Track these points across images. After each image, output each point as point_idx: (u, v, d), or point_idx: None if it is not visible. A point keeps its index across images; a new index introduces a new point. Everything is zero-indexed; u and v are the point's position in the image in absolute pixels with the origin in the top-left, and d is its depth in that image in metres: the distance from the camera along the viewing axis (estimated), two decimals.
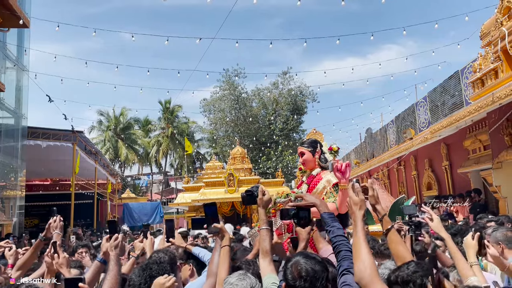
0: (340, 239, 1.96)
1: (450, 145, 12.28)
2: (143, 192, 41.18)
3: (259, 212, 2.39)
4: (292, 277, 1.76)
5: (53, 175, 21.40)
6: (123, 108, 40.73)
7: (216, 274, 2.25)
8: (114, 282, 2.18)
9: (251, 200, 2.46)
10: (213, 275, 2.30)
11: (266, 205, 2.42)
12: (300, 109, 33.37)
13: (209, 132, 34.91)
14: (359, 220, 1.92)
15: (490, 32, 8.94)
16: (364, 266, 1.72)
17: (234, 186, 17.31)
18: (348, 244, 1.94)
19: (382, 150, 17.57)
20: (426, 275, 1.71)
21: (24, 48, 12.88)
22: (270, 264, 2.15)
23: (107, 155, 35.37)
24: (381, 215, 2.08)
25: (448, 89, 11.65)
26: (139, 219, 23.67)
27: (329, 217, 2.08)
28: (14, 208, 12.92)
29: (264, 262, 2.16)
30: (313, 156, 3.72)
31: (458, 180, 11.90)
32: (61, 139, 14.03)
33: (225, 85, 32.11)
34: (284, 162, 30.50)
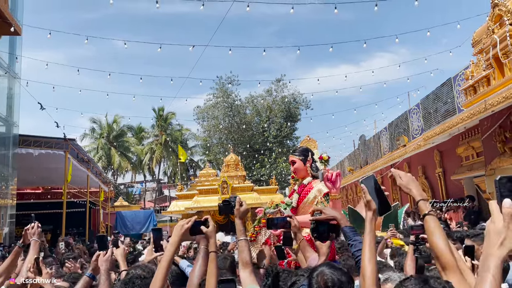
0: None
1: (443, 152, 12.31)
2: (136, 200, 40.89)
3: (235, 223, 2.34)
4: (318, 287, 1.73)
5: (45, 184, 21.19)
6: (116, 115, 40.62)
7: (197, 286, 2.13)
8: None
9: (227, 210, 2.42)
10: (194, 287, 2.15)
11: (242, 216, 2.37)
12: (293, 116, 33.42)
13: (202, 139, 34.83)
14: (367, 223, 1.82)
15: (482, 40, 9.00)
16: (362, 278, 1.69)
17: (228, 193, 17.22)
18: None
19: (376, 157, 17.59)
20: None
21: (16, 56, 12.80)
22: (251, 275, 2.09)
23: (99, 163, 35.15)
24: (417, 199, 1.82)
25: (441, 96, 11.70)
26: (132, 227, 23.44)
27: (351, 231, 2.04)
28: (5, 217, 12.74)
29: (244, 273, 2.11)
30: (304, 164, 3.67)
31: (452, 187, 11.91)
32: (53, 147, 13.89)
33: (219, 92, 32.11)
34: (278, 169, 30.45)
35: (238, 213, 2.37)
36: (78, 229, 20.14)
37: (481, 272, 1.11)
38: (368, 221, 1.83)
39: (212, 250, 2.15)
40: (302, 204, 3.54)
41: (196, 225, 2.12)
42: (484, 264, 1.11)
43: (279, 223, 2.58)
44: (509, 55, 7.83)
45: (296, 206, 3.56)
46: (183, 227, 2.08)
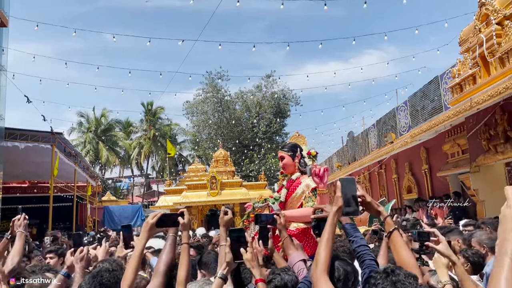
0: (364, 248, 1.99)
1: (430, 149, 12.47)
2: (124, 195, 40.64)
3: (220, 230, 2.44)
4: None
5: (31, 178, 20.92)
6: (104, 109, 40.20)
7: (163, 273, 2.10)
8: None
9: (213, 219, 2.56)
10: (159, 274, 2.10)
11: (226, 225, 2.49)
12: (283, 112, 33.51)
13: (192, 134, 34.74)
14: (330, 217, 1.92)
15: (469, 39, 9.12)
16: (315, 264, 1.77)
17: (216, 189, 17.23)
18: (371, 254, 1.97)
19: (364, 154, 17.74)
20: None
21: (2, 48, 12.58)
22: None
23: (87, 157, 34.82)
24: (384, 216, 1.99)
25: (428, 94, 11.83)
26: (119, 222, 23.30)
27: (351, 228, 2.08)
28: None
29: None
30: (293, 160, 3.71)
31: (437, 183, 12.09)
32: (39, 140, 13.71)
33: (208, 87, 32.03)
34: (267, 165, 30.54)
35: (222, 221, 2.49)
36: (65, 224, 19.98)
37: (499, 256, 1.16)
38: (331, 215, 1.91)
39: (185, 242, 2.19)
40: (290, 199, 3.59)
41: (163, 218, 2.17)
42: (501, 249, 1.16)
43: (266, 220, 2.62)
44: (495, 54, 7.95)
45: (285, 200, 3.61)
46: (148, 222, 2.13)
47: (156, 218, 2.13)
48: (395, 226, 1.92)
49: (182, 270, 2.07)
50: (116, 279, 2.15)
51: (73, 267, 2.38)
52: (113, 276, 2.17)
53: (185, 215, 2.21)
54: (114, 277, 2.16)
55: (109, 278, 2.15)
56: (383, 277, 1.53)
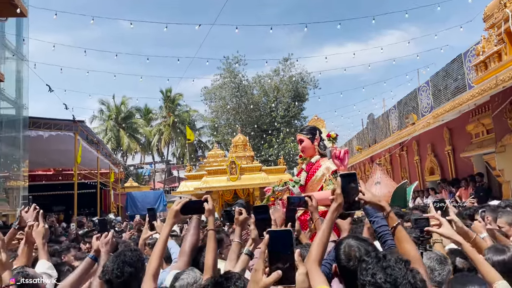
0: (385, 229, 2.02)
1: (453, 129, 12.20)
2: (146, 181, 41.31)
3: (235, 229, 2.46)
4: (346, 258, 1.87)
5: (55, 165, 21.44)
6: (124, 97, 40.65)
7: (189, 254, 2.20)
8: None
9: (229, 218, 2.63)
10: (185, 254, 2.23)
11: (241, 224, 2.49)
12: (301, 96, 33.20)
13: (210, 120, 34.84)
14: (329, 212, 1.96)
15: (494, 14, 8.79)
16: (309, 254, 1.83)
17: (236, 174, 17.31)
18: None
19: (384, 136, 17.50)
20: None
21: (23, 38, 12.78)
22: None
23: (109, 144, 35.40)
24: (387, 211, 1.98)
25: (451, 73, 11.52)
26: (142, 207, 23.72)
27: (372, 208, 2.09)
28: (17, 198, 12.96)
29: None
30: (312, 143, 3.67)
31: (461, 164, 11.86)
32: (62, 129, 13.99)
33: (226, 72, 31.93)
34: (286, 149, 30.45)
35: (237, 221, 2.49)
36: (89, 210, 20.48)
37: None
38: (331, 211, 1.95)
39: (211, 228, 2.22)
40: (310, 182, 3.56)
41: (188, 205, 2.19)
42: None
43: (299, 202, 2.59)
44: None
45: (304, 184, 3.58)
46: (173, 209, 2.16)
47: (180, 205, 2.15)
48: (398, 221, 1.91)
49: (209, 256, 2.10)
50: (138, 258, 2.26)
51: (100, 251, 2.46)
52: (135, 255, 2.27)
53: (209, 201, 2.22)
54: (136, 256, 2.27)
55: (131, 257, 2.24)
56: (374, 262, 1.53)
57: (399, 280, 1.43)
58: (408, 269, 1.50)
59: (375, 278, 1.46)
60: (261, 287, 1.34)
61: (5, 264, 1.81)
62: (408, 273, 1.47)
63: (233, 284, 1.61)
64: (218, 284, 1.63)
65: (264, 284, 1.34)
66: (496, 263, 2.21)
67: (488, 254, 2.29)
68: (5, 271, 1.80)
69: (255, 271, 1.38)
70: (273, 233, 1.39)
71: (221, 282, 1.63)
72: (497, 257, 2.26)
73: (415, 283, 1.45)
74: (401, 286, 1.42)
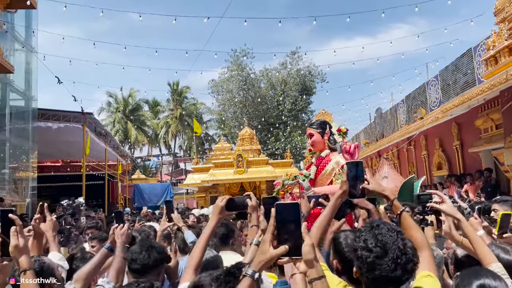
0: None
1: (462, 124, 12.13)
2: (153, 173, 41.53)
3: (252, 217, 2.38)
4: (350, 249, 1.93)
5: (64, 157, 21.59)
6: (132, 89, 40.80)
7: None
8: (120, 266, 2.37)
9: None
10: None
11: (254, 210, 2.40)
12: (308, 90, 33.08)
13: (217, 113, 34.87)
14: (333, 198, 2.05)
15: (505, 8, 8.68)
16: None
17: (243, 167, 17.35)
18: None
19: (392, 130, 17.43)
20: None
21: (32, 30, 12.84)
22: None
23: (116, 136, 35.59)
24: (390, 199, 1.99)
25: (460, 67, 11.42)
26: (149, 199, 23.91)
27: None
28: (27, 189, 13.11)
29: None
30: (322, 137, 3.67)
31: (469, 159, 11.79)
32: (71, 120, 14.08)
33: (233, 65, 31.87)
34: (293, 143, 30.43)
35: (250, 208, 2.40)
36: (97, 201, 20.64)
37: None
38: (335, 197, 2.02)
39: (253, 224, 2.29)
40: (320, 176, 3.58)
41: (233, 202, 2.19)
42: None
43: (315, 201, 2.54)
44: None
45: (314, 178, 3.60)
46: (218, 205, 2.16)
47: (225, 201, 2.16)
48: (402, 208, 1.94)
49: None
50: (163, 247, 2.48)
51: (115, 242, 2.52)
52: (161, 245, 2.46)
53: (252, 198, 2.23)
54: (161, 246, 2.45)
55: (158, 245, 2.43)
56: (367, 230, 1.61)
57: (388, 245, 1.51)
58: (399, 237, 1.57)
59: (367, 243, 1.55)
60: (267, 258, 1.40)
61: (22, 249, 1.82)
62: (398, 240, 1.55)
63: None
64: (231, 274, 1.70)
65: (271, 256, 1.40)
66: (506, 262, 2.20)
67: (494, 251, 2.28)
68: (22, 256, 1.81)
69: (263, 242, 1.43)
70: (280, 206, 1.43)
71: (234, 272, 1.70)
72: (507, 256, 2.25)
73: (405, 249, 1.52)
74: (390, 250, 1.50)
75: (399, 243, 1.52)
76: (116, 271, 2.32)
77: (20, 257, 1.80)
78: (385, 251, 1.50)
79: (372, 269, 1.51)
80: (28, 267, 1.81)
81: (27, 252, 1.85)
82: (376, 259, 1.50)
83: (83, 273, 2.32)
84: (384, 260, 1.49)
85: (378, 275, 1.49)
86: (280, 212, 1.43)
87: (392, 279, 1.48)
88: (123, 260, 2.40)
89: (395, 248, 1.50)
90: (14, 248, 1.79)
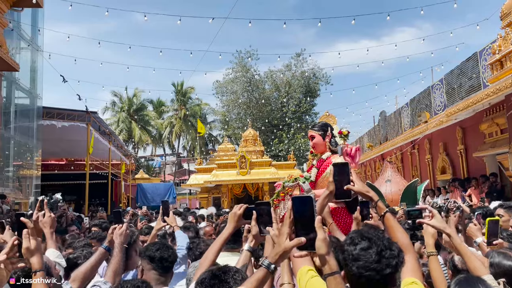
0: None
1: (466, 128, 12.06)
2: (156, 173, 41.62)
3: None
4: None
5: (68, 155, 21.67)
6: (136, 89, 40.95)
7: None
8: (118, 267, 2.33)
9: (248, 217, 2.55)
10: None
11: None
12: (313, 92, 33.07)
13: (221, 114, 34.91)
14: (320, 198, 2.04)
15: (511, 13, 8.64)
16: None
17: (246, 168, 17.36)
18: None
19: (396, 134, 17.36)
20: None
21: (38, 28, 12.90)
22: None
23: (120, 136, 35.70)
24: (374, 201, 2.02)
25: (466, 71, 11.36)
26: (152, 199, 23.97)
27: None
28: (31, 187, 13.15)
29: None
30: (323, 139, 3.65)
31: (473, 164, 11.72)
32: (75, 119, 14.12)
33: (238, 67, 31.91)
34: (296, 145, 30.40)
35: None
36: (100, 200, 20.70)
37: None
38: (322, 197, 2.04)
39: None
40: (321, 179, 3.55)
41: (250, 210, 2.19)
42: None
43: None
44: None
45: (315, 180, 3.58)
46: (236, 213, 2.19)
47: (242, 210, 2.19)
48: (386, 209, 1.95)
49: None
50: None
51: (113, 242, 2.49)
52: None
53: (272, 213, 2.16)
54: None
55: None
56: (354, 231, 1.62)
57: (373, 240, 1.52)
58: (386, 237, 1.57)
59: (353, 239, 1.55)
60: (282, 250, 1.45)
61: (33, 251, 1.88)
62: (384, 237, 1.55)
63: (231, 277, 1.62)
64: (215, 277, 1.63)
65: (285, 247, 1.45)
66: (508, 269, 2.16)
67: (496, 258, 2.25)
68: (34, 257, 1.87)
69: (280, 235, 1.47)
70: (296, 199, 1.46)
71: (219, 275, 1.63)
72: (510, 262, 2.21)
73: (389, 245, 1.51)
74: (375, 244, 1.50)
75: (384, 240, 1.53)
76: (114, 272, 2.29)
77: (31, 258, 1.88)
78: (370, 244, 1.51)
79: (356, 260, 1.50)
80: (39, 268, 1.86)
81: (39, 254, 1.91)
82: (361, 251, 1.50)
83: (80, 272, 2.30)
84: (368, 252, 1.49)
85: (362, 265, 1.48)
86: (296, 205, 1.45)
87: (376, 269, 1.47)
88: (121, 261, 2.38)
89: (380, 244, 1.50)
90: (26, 250, 1.87)
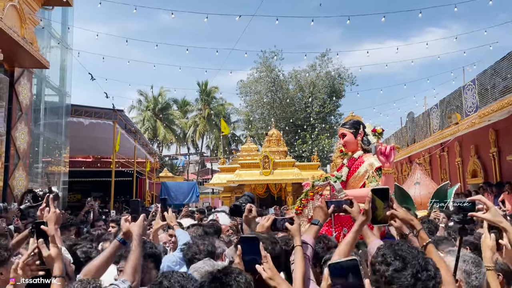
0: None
1: (499, 130, 11.62)
2: (180, 172, 41.99)
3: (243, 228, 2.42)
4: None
5: (94, 152, 22.02)
6: (161, 88, 41.41)
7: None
8: (137, 263, 2.09)
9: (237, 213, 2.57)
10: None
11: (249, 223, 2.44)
12: (337, 92, 32.68)
13: (245, 114, 34.90)
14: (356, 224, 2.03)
15: None
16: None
17: (269, 168, 17.26)
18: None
19: (424, 135, 16.91)
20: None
21: (68, 26, 13.13)
22: None
23: (146, 134, 36.17)
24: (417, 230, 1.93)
25: (500, 72, 10.92)
26: (175, 197, 24.11)
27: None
28: (58, 183, 13.39)
29: None
30: (355, 138, 3.51)
31: (507, 168, 11.28)
32: (102, 117, 14.32)
33: (262, 67, 31.84)
34: (320, 146, 30.10)
35: (246, 219, 2.44)
36: (125, 197, 20.98)
37: None
38: (357, 223, 2.02)
39: (297, 244, 2.02)
40: (352, 178, 3.42)
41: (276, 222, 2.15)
42: None
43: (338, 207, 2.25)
44: None
45: (346, 180, 3.44)
46: (264, 225, 2.16)
47: (270, 222, 2.16)
48: (428, 240, 1.88)
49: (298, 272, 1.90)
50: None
51: (129, 234, 2.27)
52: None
53: (295, 221, 2.08)
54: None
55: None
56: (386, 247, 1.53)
57: (408, 259, 1.42)
58: (421, 255, 1.47)
59: (385, 257, 1.45)
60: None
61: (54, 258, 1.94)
62: (419, 256, 1.45)
63: (234, 280, 1.52)
64: (216, 280, 1.54)
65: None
66: None
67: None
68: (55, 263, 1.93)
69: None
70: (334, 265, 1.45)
71: (220, 277, 1.54)
72: None
73: (426, 265, 1.41)
74: (410, 264, 1.40)
75: (420, 259, 1.42)
76: (133, 268, 2.05)
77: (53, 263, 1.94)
78: (405, 265, 1.40)
79: (389, 283, 1.39)
80: (59, 274, 1.92)
81: (60, 261, 1.96)
82: (395, 273, 1.40)
83: (93, 266, 2.17)
84: (403, 274, 1.38)
85: None
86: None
87: None
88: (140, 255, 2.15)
89: (415, 264, 1.40)
90: (47, 257, 1.94)
